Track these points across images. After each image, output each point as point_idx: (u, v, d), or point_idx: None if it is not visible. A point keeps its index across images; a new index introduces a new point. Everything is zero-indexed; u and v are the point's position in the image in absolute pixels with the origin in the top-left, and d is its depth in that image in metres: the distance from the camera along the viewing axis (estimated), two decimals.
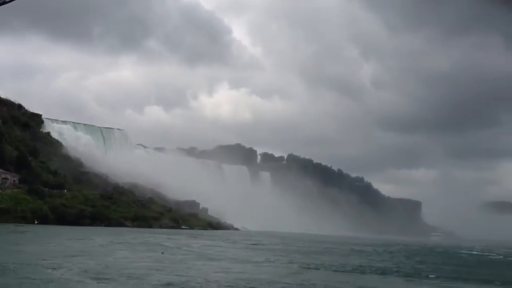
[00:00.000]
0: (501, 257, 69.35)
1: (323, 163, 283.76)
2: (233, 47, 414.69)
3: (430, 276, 32.63)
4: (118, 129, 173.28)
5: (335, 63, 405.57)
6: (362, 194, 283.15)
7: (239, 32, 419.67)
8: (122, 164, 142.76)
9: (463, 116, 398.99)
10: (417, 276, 32.10)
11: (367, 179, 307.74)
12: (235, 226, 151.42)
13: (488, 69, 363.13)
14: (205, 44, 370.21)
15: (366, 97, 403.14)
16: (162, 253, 37.66)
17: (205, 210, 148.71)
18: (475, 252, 79.01)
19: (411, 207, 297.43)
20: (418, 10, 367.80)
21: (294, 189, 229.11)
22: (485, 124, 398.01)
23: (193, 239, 63.11)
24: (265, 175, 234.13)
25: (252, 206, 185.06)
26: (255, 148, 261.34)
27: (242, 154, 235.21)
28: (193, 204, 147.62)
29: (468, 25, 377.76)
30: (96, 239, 50.42)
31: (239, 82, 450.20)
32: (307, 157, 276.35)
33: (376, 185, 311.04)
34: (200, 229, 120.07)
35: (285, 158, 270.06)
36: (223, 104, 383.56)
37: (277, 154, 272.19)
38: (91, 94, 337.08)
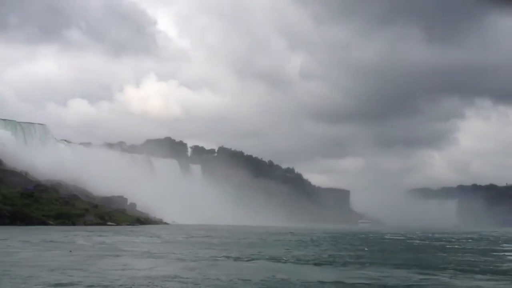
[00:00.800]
0: (420, 241, 71.91)
1: (254, 155, 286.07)
2: (159, 38, 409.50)
3: (343, 262, 32.97)
4: (40, 124, 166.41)
5: (264, 55, 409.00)
6: (293, 185, 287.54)
7: (165, 24, 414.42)
8: (44, 160, 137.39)
9: (387, 106, 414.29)
10: (331, 263, 32.36)
11: (297, 170, 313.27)
12: (165, 220, 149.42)
13: (410, 60, 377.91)
14: (129, 35, 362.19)
15: (295, 89, 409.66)
16: (70, 251, 35.96)
17: (133, 205, 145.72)
18: (396, 238, 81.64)
19: (340, 196, 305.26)
20: (344, 1, 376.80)
21: (226, 181, 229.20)
22: (407, 114, 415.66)
23: (113, 236, 61.18)
24: (196, 168, 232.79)
25: (183, 200, 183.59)
26: (185, 141, 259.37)
27: (172, 148, 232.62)
28: (121, 199, 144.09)
29: (391, 16, 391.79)
30: (6, 238, 47.69)
31: (167, 74, 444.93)
32: (238, 149, 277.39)
33: (306, 175, 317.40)
34: (128, 224, 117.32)
35: (216, 150, 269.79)
36: (151, 96, 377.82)
37: (208, 146, 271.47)
38: (9, 87, 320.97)
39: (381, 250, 46.36)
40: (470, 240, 79.42)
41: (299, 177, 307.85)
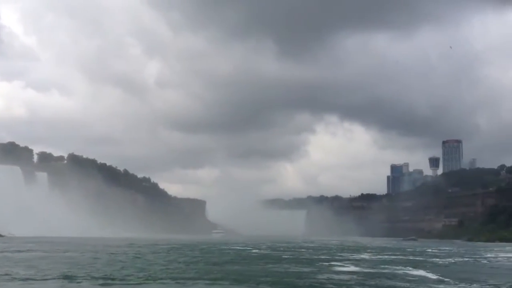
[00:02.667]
0: (260, 251, 72.64)
1: (108, 163, 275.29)
2: (2, 34, 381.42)
3: (149, 277, 31.24)
4: None
5: (119, 59, 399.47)
6: (149, 195, 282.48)
7: (9, 19, 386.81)
8: None
9: (244, 118, 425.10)
10: (133, 280, 30.45)
11: (154, 179, 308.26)
12: (0, 232, 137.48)
13: (265, 74, 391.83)
14: None
15: (151, 96, 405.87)
16: None
17: None
18: (238, 248, 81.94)
19: (196, 206, 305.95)
20: (198, 10, 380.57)
21: (76, 191, 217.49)
22: (263, 126, 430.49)
23: None
24: (42, 176, 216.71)
25: (26, 210, 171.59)
26: (30, 147, 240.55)
27: (15, 154, 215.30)
28: None
29: (247, 28, 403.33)
30: None
31: (11, 74, 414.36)
32: (90, 157, 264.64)
33: (163, 185, 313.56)
34: None
35: (66, 157, 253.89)
36: None
37: (56, 153, 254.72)
38: None
39: (209, 263, 45.40)
40: (309, 250, 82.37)
41: (155, 187, 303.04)
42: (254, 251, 73.01)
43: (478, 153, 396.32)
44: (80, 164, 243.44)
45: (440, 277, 37.42)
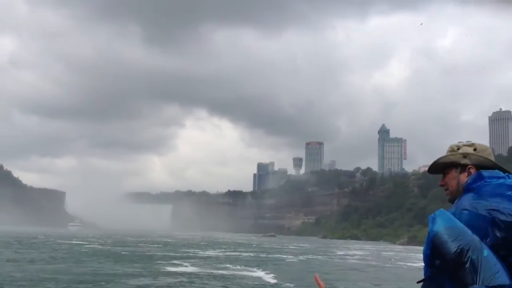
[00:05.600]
0: (102, 247, 66.54)
1: None
2: None
3: None
4: None
5: None
6: (0, 184, 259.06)
7: None
8: None
9: (108, 106, 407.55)
10: None
11: (7, 167, 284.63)
12: None
13: (130, 60, 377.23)
14: None
15: (5, 76, 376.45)
16: None
17: None
18: (79, 243, 74.96)
19: (54, 197, 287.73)
20: None
21: None
22: (129, 116, 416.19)
23: None
24: None
25: None
26: None
27: None
28: None
29: (112, 10, 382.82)
30: None
31: None
32: None
33: (17, 173, 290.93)
34: None
35: None
36: None
37: None
38: None
39: (10, 260, 38.99)
40: (159, 245, 77.93)
41: (8, 175, 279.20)
42: (93, 246, 66.78)
43: (337, 155, 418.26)
44: None
45: (277, 280, 34.94)
